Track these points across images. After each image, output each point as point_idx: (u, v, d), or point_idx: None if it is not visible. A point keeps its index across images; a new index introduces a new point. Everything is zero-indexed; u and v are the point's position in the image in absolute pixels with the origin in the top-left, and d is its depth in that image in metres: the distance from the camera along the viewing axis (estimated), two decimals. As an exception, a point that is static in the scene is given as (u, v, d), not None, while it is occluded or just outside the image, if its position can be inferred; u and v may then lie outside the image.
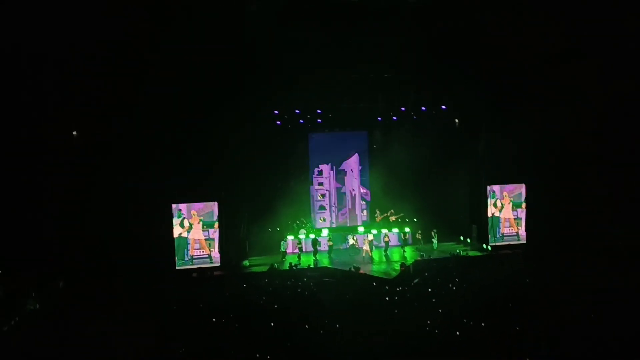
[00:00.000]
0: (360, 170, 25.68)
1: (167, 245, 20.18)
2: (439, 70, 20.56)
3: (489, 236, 22.58)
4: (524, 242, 22.72)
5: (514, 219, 22.93)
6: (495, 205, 22.71)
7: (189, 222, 20.47)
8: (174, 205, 20.30)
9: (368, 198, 25.79)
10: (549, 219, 21.48)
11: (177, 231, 20.36)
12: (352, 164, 25.59)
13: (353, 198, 25.71)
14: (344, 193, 25.67)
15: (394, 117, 24.23)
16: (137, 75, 17.89)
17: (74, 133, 19.40)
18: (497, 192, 22.76)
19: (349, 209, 25.69)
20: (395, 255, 22.29)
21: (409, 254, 22.07)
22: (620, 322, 10.53)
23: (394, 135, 24.67)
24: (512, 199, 22.78)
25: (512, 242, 22.58)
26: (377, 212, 25.00)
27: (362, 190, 25.76)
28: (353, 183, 25.65)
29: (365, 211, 25.80)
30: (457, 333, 10.64)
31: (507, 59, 19.69)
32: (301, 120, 23.55)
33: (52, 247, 18.17)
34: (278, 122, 23.17)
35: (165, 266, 19.61)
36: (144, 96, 18.14)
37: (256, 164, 22.78)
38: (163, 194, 19.87)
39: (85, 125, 19.22)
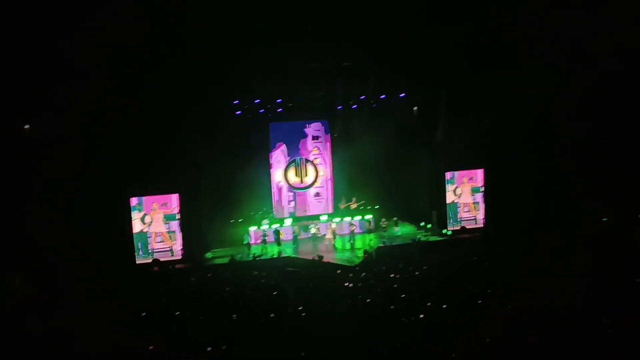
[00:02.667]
0: (288, 162, 25.49)
1: (126, 241, 19.83)
2: (398, 58, 20.71)
3: (449, 221, 23.13)
4: (482, 226, 23.35)
5: (472, 203, 23.47)
6: (455, 192, 23.21)
7: (150, 217, 20.22)
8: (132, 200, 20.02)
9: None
10: (507, 203, 22.01)
11: (138, 227, 20.07)
12: (279, 155, 25.43)
13: (279, 190, 25.50)
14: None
15: (354, 106, 24.32)
16: (86, 63, 17.27)
17: (26, 127, 18.68)
18: (456, 179, 23.24)
19: (276, 200, 25.45)
20: (359, 243, 22.49)
21: (373, 241, 22.31)
22: (576, 302, 10.91)
23: (354, 123, 24.79)
24: (471, 184, 23.35)
25: (469, 226, 23.18)
26: (343, 199, 25.16)
27: (282, 183, 25.51)
28: (278, 175, 25.52)
29: (292, 203, 25.68)
30: (421, 316, 10.84)
31: (463, 46, 20.00)
32: (261, 110, 23.36)
33: (6, 247, 17.52)
34: (238, 112, 22.93)
35: (125, 262, 19.25)
36: (97, 85, 17.61)
37: (216, 155, 22.53)
38: (120, 188, 19.46)
39: (36, 119, 18.55)
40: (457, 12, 18.93)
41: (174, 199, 20.60)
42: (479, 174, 23.48)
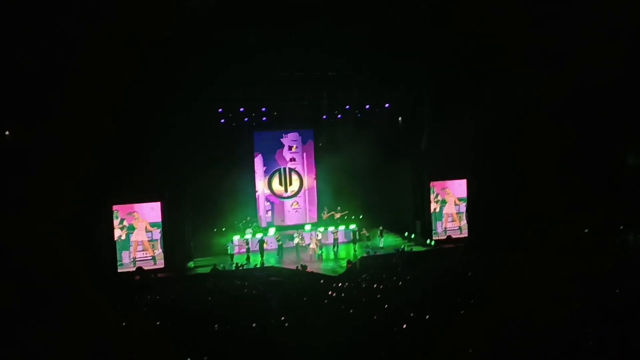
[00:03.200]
0: (265, 171, 25.50)
1: (108, 249, 19.56)
2: (382, 68, 20.83)
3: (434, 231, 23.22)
4: (466, 235, 23.44)
5: (457, 213, 23.57)
6: (436, 200, 23.27)
7: (129, 224, 19.96)
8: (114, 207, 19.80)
9: (273, 199, 25.66)
10: (490, 213, 22.15)
11: (116, 234, 19.83)
12: (256, 165, 25.41)
13: (256, 200, 25.54)
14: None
15: (339, 115, 24.38)
16: (72, 70, 17.11)
17: (7, 133, 18.42)
18: (437, 188, 23.29)
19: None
20: (343, 253, 22.44)
21: (358, 251, 22.26)
22: (559, 311, 10.96)
23: (339, 133, 24.85)
24: (455, 196, 23.45)
25: (454, 235, 23.24)
26: (325, 209, 25.13)
27: (266, 192, 25.58)
28: (258, 185, 25.50)
29: (269, 212, 25.65)
30: (404, 326, 10.79)
31: (448, 58, 20.19)
32: (246, 119, 23.32)
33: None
34: (222, 120, 22.86)
35: (106, 270, 18.99)
36: (81, 93, 17.44)
37: (200, 164, 22.42)
38: (103, 195, 19.22)
39: (19, 126, 18.29)
40: (442, 24, 19.11)
41: (142, 208, 20.36)
42: (455, 185, 23.57)
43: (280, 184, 25.45)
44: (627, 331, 9.26)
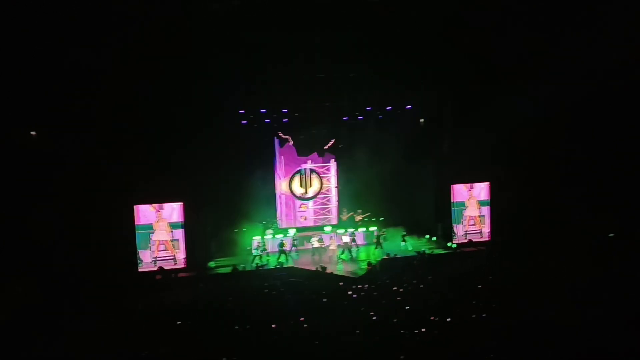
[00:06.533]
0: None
1: (129, 248, 19.81)
2: (405, 70, 20.71)
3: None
4: (488, 239, 23.16)
5: (478, 216, 23.32)
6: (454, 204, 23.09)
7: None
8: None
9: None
10: (512, 217, 21.86)
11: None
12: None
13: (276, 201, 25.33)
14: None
15: (360, 117, 24.28)
16: (96, 72, 17.36)
17: (33, 133, 18.78)
18: (458, 191, 23.09)
19: None
20: (363, 254, 22.35)
21: (379, 252, 22.11)
22: (581, 317, 10.78)
23: (360, 134, 24.73)
24: (477, 199, 23.23)
25: (475, 239, 23.00)
26: (345, 210, 25.05)
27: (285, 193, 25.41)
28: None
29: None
30: (423, 329, 10.72)
31: (470, 60, 20.04)
32: (267, 120, 23.38)
33: (10, 253, 17.50)
34: (244, 122, 22.96)
35: (127, 269, 19.24)
36: (106, 94, 17.71)
37: (222, 165, 22.50)
38: (126, 195, 19.48)
39: (43, 127, 18.62)
40: (464, 25, 18.97)
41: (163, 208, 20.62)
42: (477, 188, 23.36)
43: (301, 185, 25.39)
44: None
